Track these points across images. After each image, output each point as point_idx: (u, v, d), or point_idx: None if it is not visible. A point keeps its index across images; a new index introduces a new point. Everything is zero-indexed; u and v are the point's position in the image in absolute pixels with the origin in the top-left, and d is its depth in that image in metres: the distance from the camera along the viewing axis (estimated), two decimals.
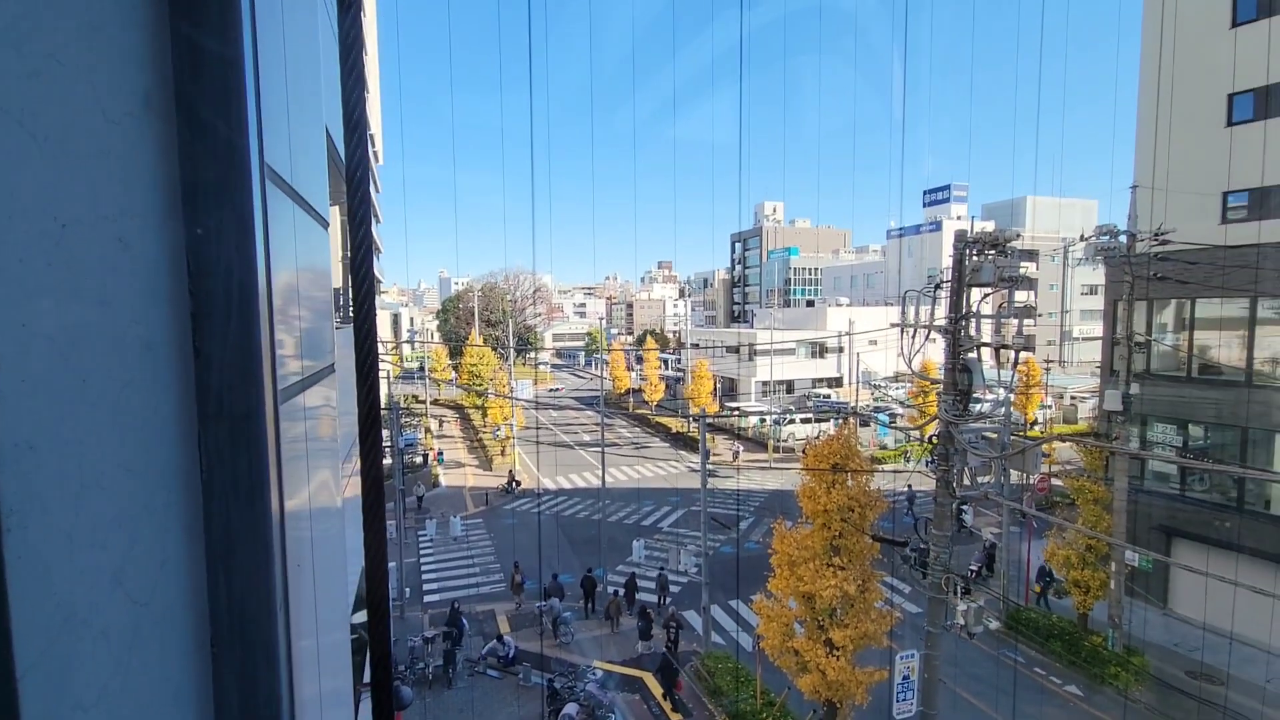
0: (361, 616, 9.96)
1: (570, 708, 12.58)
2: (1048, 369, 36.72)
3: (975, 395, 9.94)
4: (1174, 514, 17.22)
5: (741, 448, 33.40)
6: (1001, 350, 10.03)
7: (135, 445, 0.70)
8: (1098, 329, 37.34)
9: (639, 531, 23.06)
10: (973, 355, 9.74)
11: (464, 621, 15.68)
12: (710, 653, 14.79)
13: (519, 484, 29.08)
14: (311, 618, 1.24)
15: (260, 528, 0.92)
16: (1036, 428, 34.44)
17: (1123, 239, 15.69)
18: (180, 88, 0.83)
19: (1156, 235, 15.15)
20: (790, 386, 45.16)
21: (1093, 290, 54.21)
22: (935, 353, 11.61)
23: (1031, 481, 24.92)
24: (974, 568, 18.47)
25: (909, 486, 26.37)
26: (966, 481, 9.84)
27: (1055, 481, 24.68)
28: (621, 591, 17.52)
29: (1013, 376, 12.61)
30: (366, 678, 9.00)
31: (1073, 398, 40.15)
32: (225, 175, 0.86)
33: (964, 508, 20.09)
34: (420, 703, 13.62)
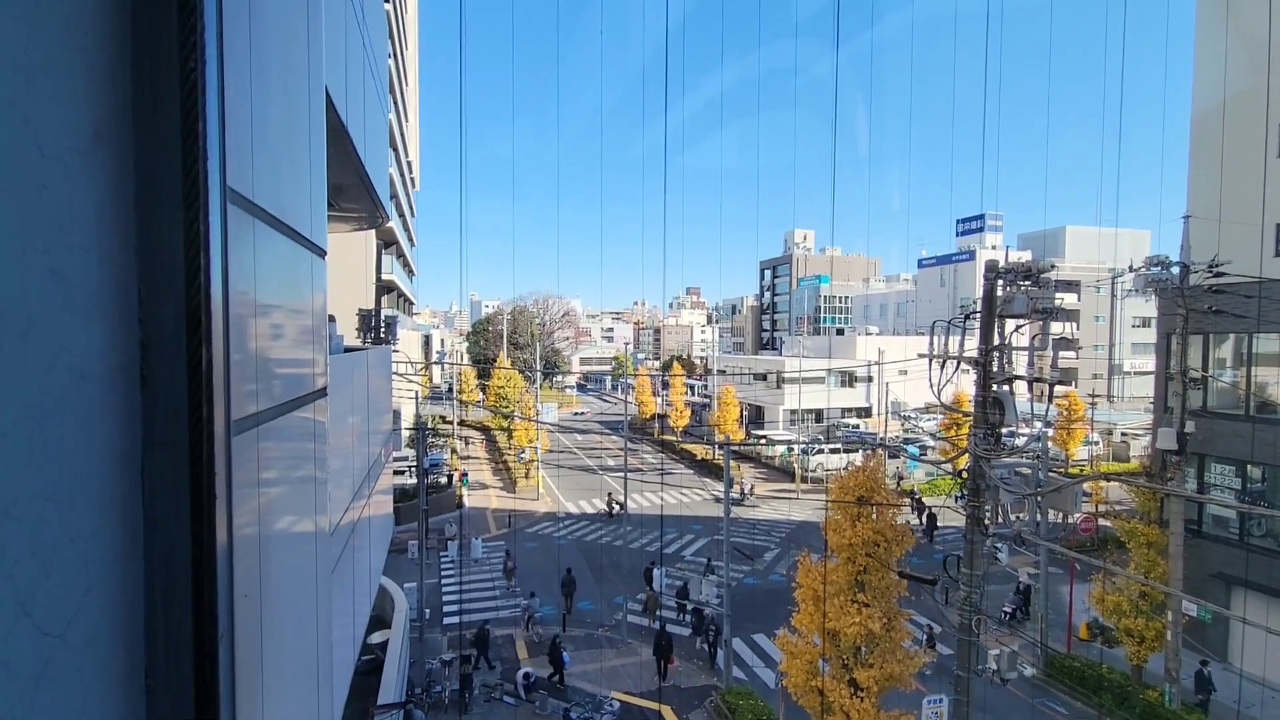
0: (379, 636, 9.86)
1: None
2: (1093, 404, 35.39)
3: (1009, 429, 9.62)
4: (1233, 561, 16.27)
5: (752, 484, 32.77)
6: (1036, 384, 9.72)
7: (58, 474, 0.70)
8: (1150, 362, 35.92)
9: (661, 559, 22.72)
10: (1005, 388, 9.45)
11: (487, 651, 15.76)
12: (731, 688, 14.37)
13: (622, 507, 28.74)
14: (259, 649, 1.22)
15: (204, 557, 0.91)
16: (1080, 465, 33.16)
17: (1175, 270, 15.15)
18: (139, 121, 0.85)
19: (1211, 267, 14.57)
20: (819, 416, 44.47)
21: (1145, 323, 52.49)
22: (968, 384, 11.32)
23: (1073, 521, 23.91)
24: (1008, 609, 17.71)
25: (927, 509, 25.52)
26: (999, 519, 9.48)
27: (1103, 522, 23.63)
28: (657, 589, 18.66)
29: (1047, 410, 12.19)
30: (381, 699, 8.86)
31: (1124, 434, 38.59)
32: (181, 205, 0.87)
33: (999, 546, 19.37)
34: None
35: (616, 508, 28.44)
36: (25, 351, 0.66)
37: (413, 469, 23.35)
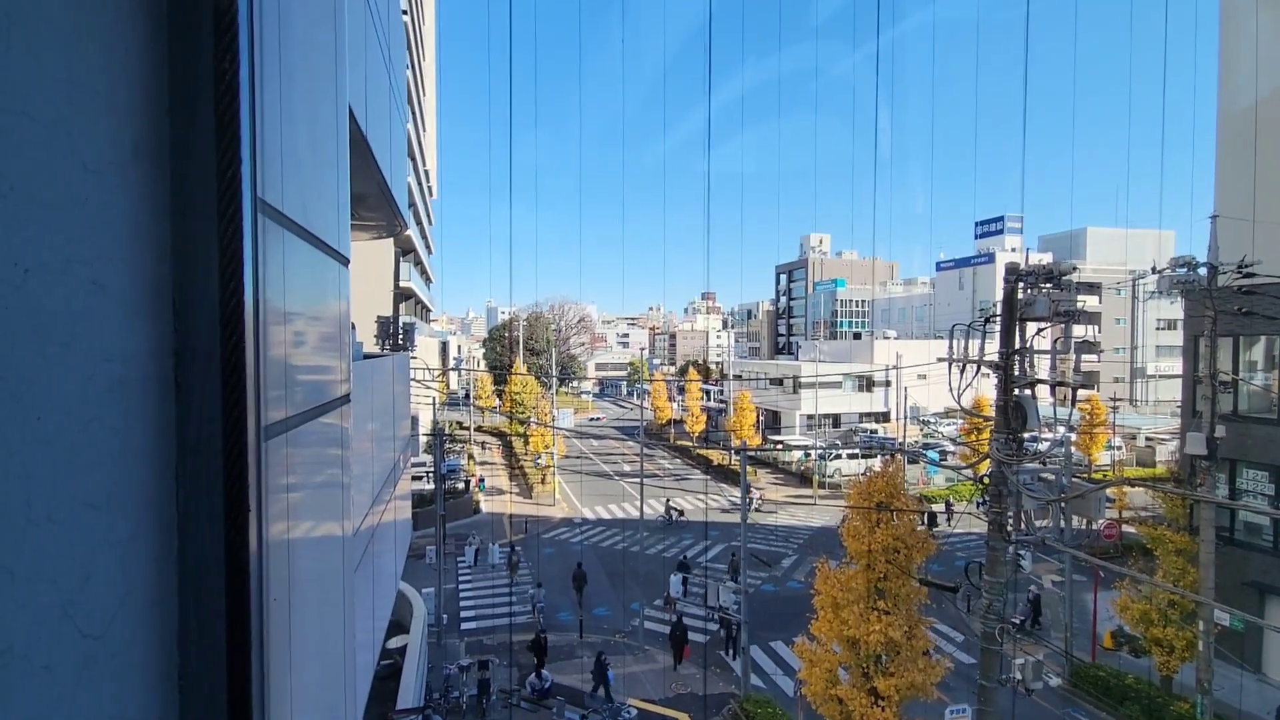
0: (398, 641, 9.90)
1: None
2: (1115, 408, 34.70)
3: (1031, 434, 9.47)
4: (1268, 569, 15.82)
5: (761, 495, 32.47)
6: (1059, 388, 9.56)
7: (98, 480, 0.72)
8: (1175, 365, 35.22)
9: (677, 566, 22.63)
10: (1026, 393, 9.31)
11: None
12: (749, 696, 14.25)
13: (681, 513, 28.67)
14: (288, 652, 1.24)
15: (237, 561, 0.93)
16: (1103, 470, 32.52)
17: (1203, 271, 14.83)
18: (176, 136, 0.87)
19: (1240, 268, 14.23)
20: (836, 421, 44.12)
21: (1170, 325, 51.48)
22: (989, 388, 11.17)
23: (1097, 528, 23.44)
24: (1017, 619, 17.27)
25: (945, 504, 25.16)
26: (1022, 526, 9.32)
27: (1127, 529, 23.15)
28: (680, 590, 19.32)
29: (1070, 415, 12.00)
30: (400, 703, 8.90)
31: (1148, 439, 37.81)
32: (215, 216, 0.90)
33: (1022, 553, 19.01)
34: None
35: (675, 514, 28.35)
36: (67, 361, 0.68)
37: (430, 474, 23.52)
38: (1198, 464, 16.15)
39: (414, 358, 12.26)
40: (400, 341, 9.93)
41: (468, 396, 51.71)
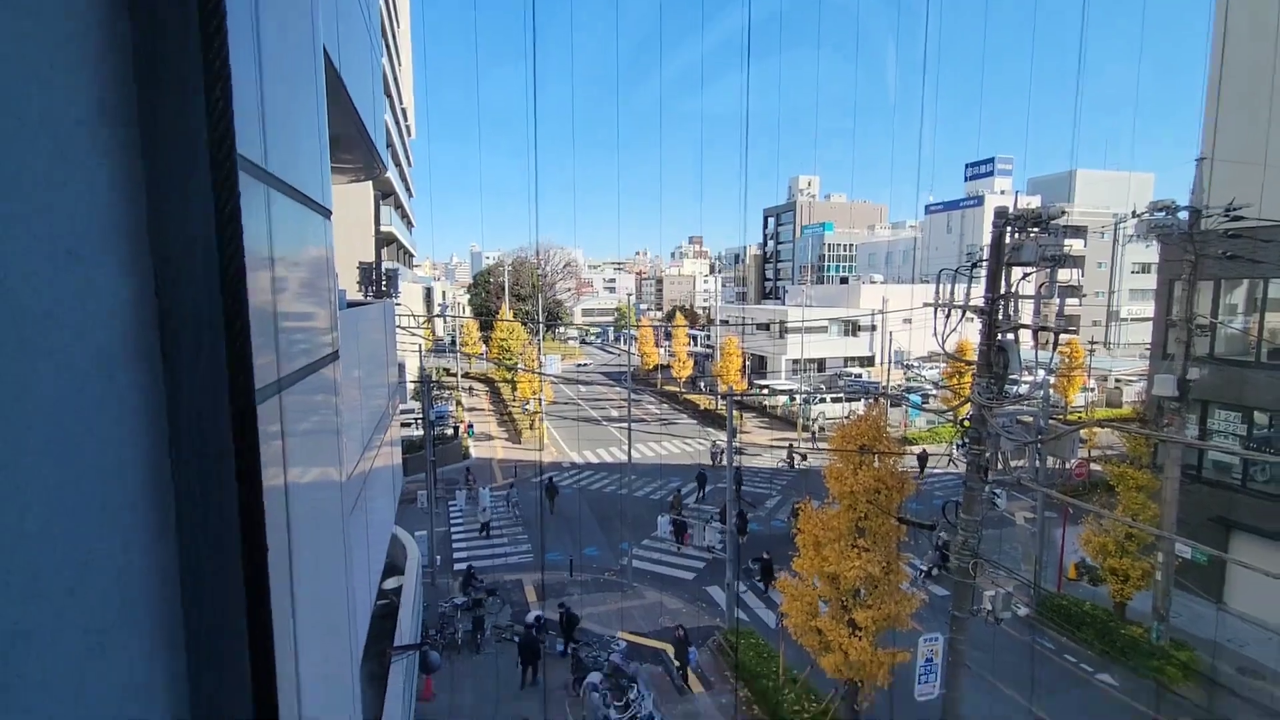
0: (393, 582, 10.12)
1: (594, 676, 12.87)
2: (1091, 350, 35.38)
3: (1012, 378, 9.65)
4: (1235, 505, 16.55)
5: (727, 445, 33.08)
6: (1041, 332, 9.69)
7: (87, 452, 0.71)
8: (1148, 309, 35.80)
9: (664, 508, 23.22)
10: (1010, 337, 9.43)
11: (478, 583, 16.35)
12: (733, 628, 14.92)
13: (804, 458, 28.32)
14: (290, 600, 1.27)
15: (234, 527, 0.93)
16: (1078, 412, 33.44)
17: (1183, 215, 14.86)
18: (145, 93, 0.82)
19: (1228, 211, 14.24)
20: (821, 365, 44.61)
21: (1144, 269, 51.93)
22: (972, 332, 11.29)
23: (1069, 467, 24.27)
24: (924, 568, 17.85)
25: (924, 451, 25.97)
26: (1000, 466, 9.63)
27: (1095, 467, 24.01)
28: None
29: (1052, 359, 12.21)
30: (398, 640, 9.18)
31: (1117, 381, 38.77)
32: (192, 174, 0.85)
33: (996, 492, 19.66)
34: (449, 666, 14.10)
35: (799, 459, 28.49)
36: (48, 336, 0.66)
37: (419, 421, 23.64)
38: (1165, 405, 16.61)
39: (398, 304, 12.10)
40: (384, 288, 9.75)
41: (454, 343, 51.46)
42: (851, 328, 45.08)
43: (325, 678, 1.71)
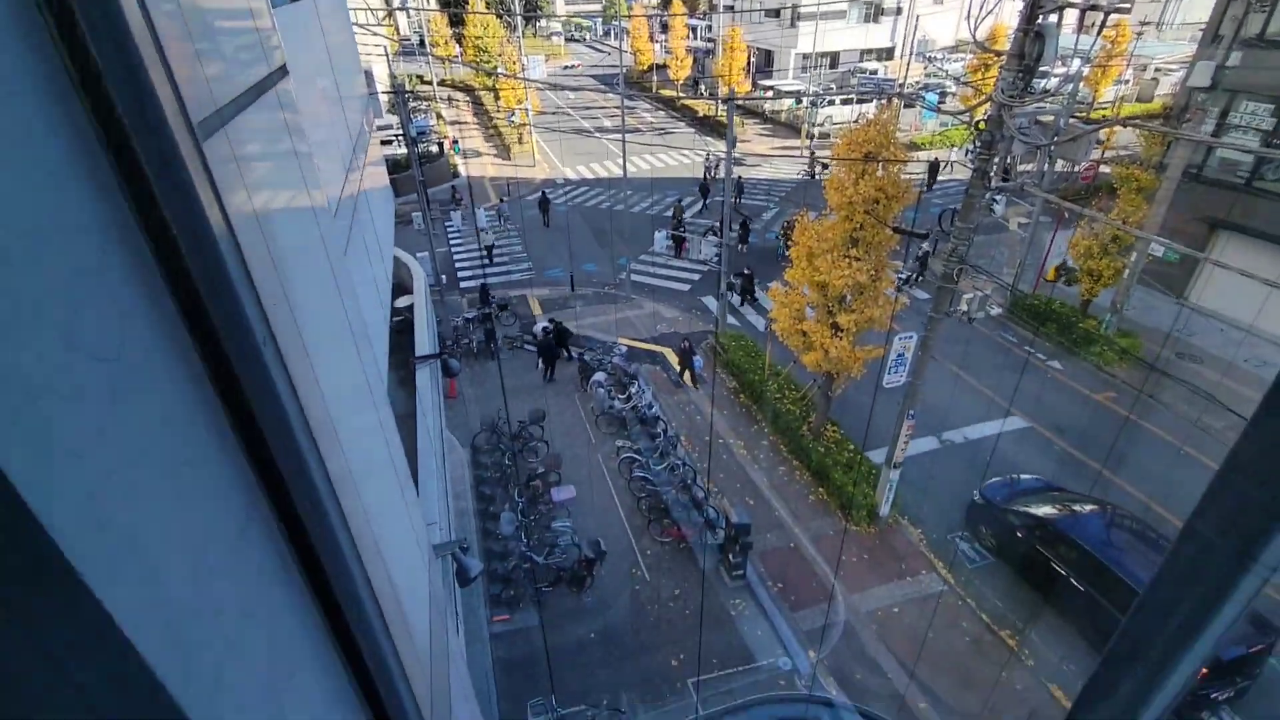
0: (404, 301, 10.65)
1: (599, 376, 14.42)
2: (1140, 33, 31.38)
3: (1043, 70, 8.74)
4: (1229, 204, 16.47)
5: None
6: (1091, 11, 8.45)
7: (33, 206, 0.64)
8: None
9: (660, 223, 23.26)
10: (1052, 19, 8.26)
11: (492, 298, 17.33)
12: (725, 331, 16.21)
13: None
14: (292, 316, 1.31)
15: (202, 247, 0.90)
16: (1104, 108, 31.18)
17: None
18: None
19: None
20: (834, 61, 40.17)
21: None
22: (1010, 14, 9.82)
23: (1077, 170, 23.59)
24: (905, 273, 18.13)
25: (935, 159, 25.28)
26: (1005, 172, 9.32)
27: (1104, 169, 23.33)
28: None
29: (1094, 44, 10.90)
30: (417, 353, 10.02)
31: (1156, 71, 35.28)
32: None
33: (996, 198, 19.42)
34: (468, 370, 15.71)
35: (820, 168, 26.51)
36: None
37: (400, 138, 22.21)
38: (1194, 97, 15.39)
39: None
40: None
41: (423, 44, 45.62)
42: (874, 11, 39.42)
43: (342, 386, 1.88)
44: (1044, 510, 10.18)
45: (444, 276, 19.99)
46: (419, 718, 1.90)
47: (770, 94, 36.26)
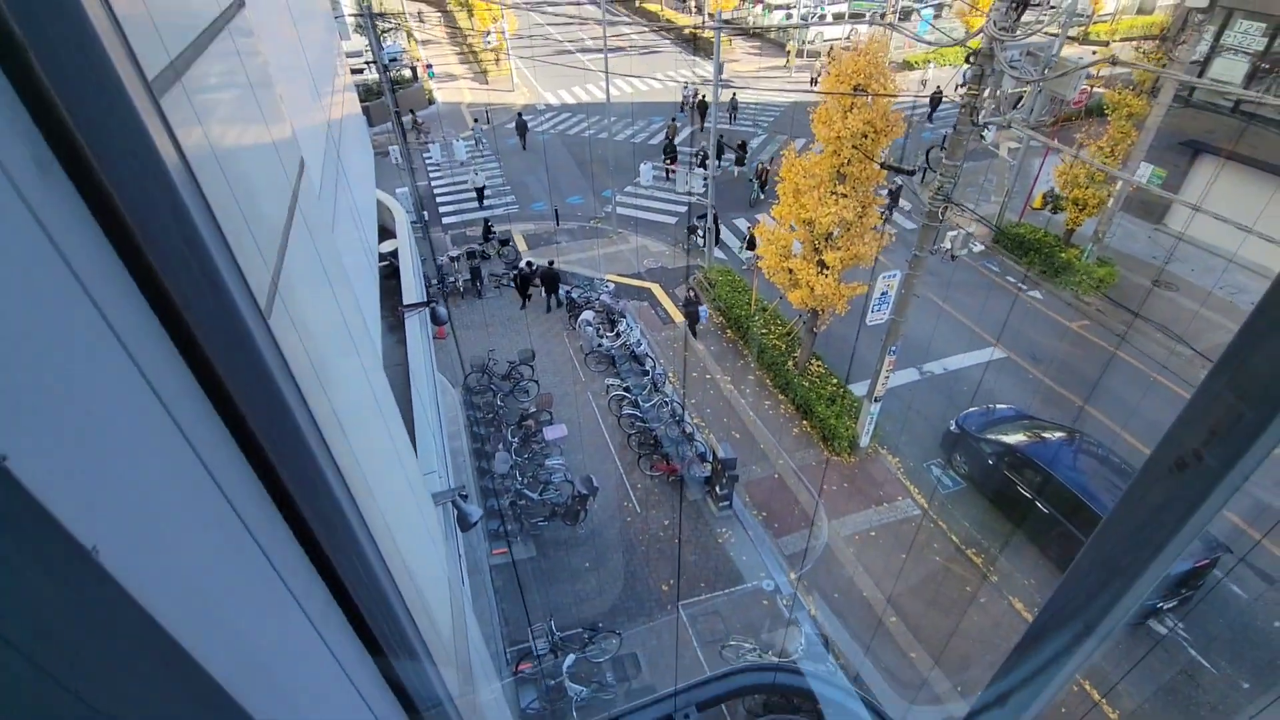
0: (388, 246, 10.50)
1: (587, 314, 14.49)
2: None
3: None
4: (1212, 129, 16.34)
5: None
6: None
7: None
8: None
9: (646, 153, 22.66)
10: None
11: (493, 234, 17.13)
12: (713, 266, 16.20)
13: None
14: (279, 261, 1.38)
15: (172, 180, 0.95)
16: (1104, 21, 30.09)
17: None
18: None
19: None
20: None
21: None
22: None
23: (1068, 99, 23.01)
24: (887, 207, 17.94)
25: (937, 88, 24.61)
26: (995, 106, 9.19)
27: (1098, 90, 22.78)
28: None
29: None
30: (404, 299, 9.98)
31: None
32: None
33: (987, 128, 19.01)
34: (455, 309, 15.68)
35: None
36: None
37: (370, 64, 21.09)
38: (1191, 16, 14.98)
39: None
40: None
41: None
42: None
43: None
44: (1014, 438, 10.68)
45: (425, 213, 19.56)
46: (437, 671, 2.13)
47: (759, 8, 34.50)
